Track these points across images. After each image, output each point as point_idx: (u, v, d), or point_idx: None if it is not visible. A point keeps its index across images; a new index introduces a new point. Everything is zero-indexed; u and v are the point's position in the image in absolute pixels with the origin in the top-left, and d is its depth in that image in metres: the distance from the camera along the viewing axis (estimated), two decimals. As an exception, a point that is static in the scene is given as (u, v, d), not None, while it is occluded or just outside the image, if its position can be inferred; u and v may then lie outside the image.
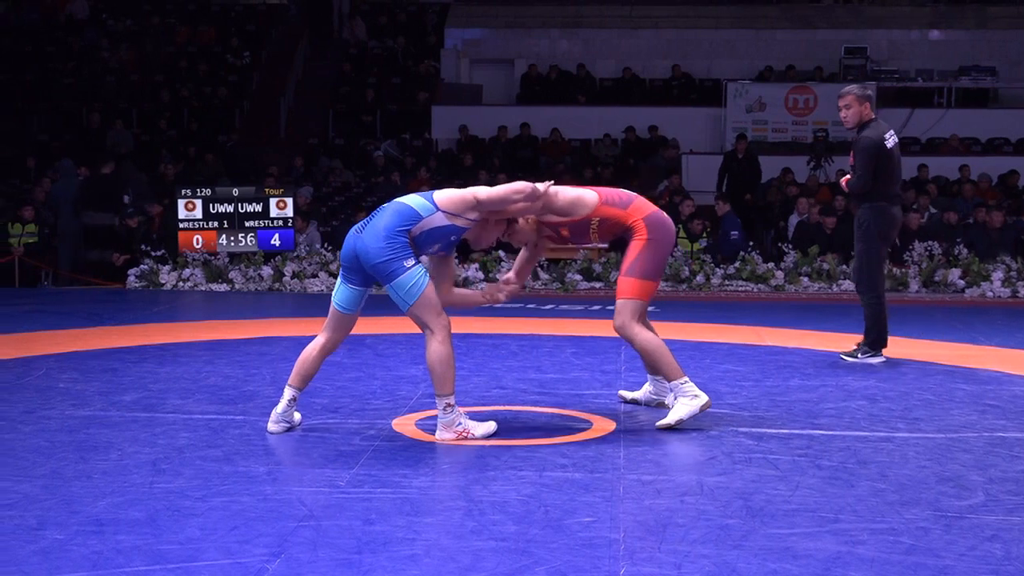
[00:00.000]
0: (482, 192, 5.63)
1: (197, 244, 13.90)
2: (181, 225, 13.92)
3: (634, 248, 5.96)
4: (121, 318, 10.47)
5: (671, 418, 5.87)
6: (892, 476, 4.97)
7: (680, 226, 14.63)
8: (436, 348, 5.45)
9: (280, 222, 14.11)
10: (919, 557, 3.92)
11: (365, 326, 9.02)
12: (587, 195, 5.99)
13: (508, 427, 5.91)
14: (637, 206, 5.99)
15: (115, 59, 21.66)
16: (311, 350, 5.67)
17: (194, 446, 5.42)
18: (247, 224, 14.03)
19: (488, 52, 22.82)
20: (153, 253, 13.77)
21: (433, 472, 5.04)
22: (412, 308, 5.45)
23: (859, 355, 8.20)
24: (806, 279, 13.36)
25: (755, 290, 13.22)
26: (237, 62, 22.08)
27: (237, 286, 13.39)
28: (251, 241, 14.01)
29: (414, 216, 5.47)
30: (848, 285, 13.16)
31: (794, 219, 15.42)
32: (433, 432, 5.65)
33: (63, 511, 4.35)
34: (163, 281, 13.50)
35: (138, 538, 4.04)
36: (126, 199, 15.59)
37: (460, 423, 5.54)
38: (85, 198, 15.20)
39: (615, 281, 12.97)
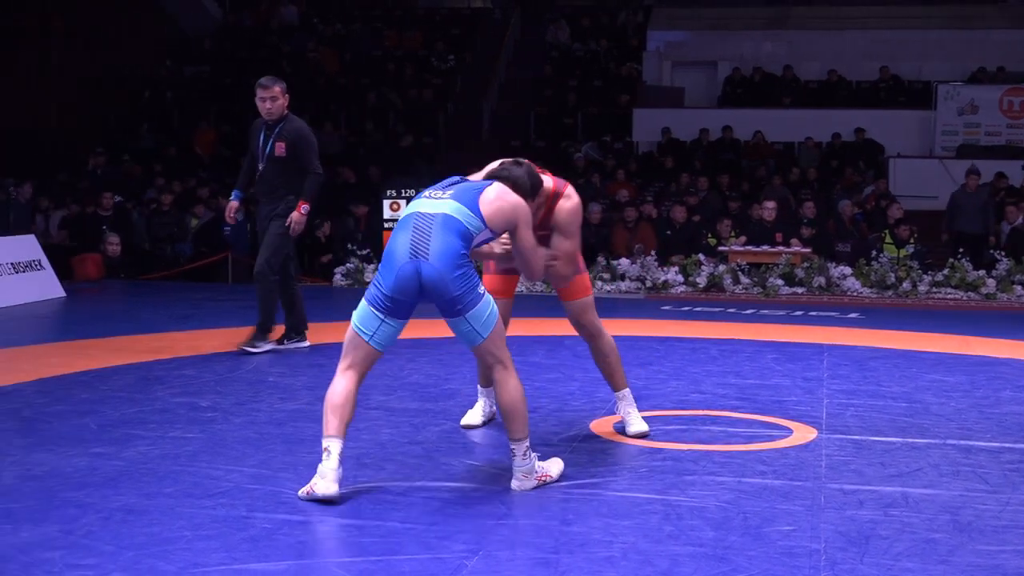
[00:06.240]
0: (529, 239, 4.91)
1: (401, 244, 14.10)
2: (386, 225, 14.19)
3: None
4: (327, 315, 10.71)
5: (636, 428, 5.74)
6: (1111, 495, 4.76)
7: (887, 231, 14.28)
8: (516, 385, 4.68)
9: (481, 223, 14.21)
10: None
11: (564, 327, 9.06)
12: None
13: (707, 432, 5.86)
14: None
15: (326, 62, 22.20)
16: (345, 394, 4.59)
17: (396, 441, 5.53)
18: (449, 225, 14.17)
19: (690, 54, 22.66)
20: (359, 252, 14.08)
21: (630, 475, 5.03)
22: (487, 340, 4.64)
23: (284, 342, 8.64)
24: (1020, 288, 12.88)
25: (964, 298, 12.79)
26: (442, 65, 22.45)
27: (439, 286, 13.57)
28: (453, 242, 14.15)
29: (469, 237, 4.64)
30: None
31: (1006, 225, 14.88)
32: (624, 434, 5.66)
33: (271, 501, 4.48)
34: (368, 280, 13.80)
35: (341, 530, 4.15)
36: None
37: (539, 467, 4.79)
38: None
39: (817, 287, 12.89)
